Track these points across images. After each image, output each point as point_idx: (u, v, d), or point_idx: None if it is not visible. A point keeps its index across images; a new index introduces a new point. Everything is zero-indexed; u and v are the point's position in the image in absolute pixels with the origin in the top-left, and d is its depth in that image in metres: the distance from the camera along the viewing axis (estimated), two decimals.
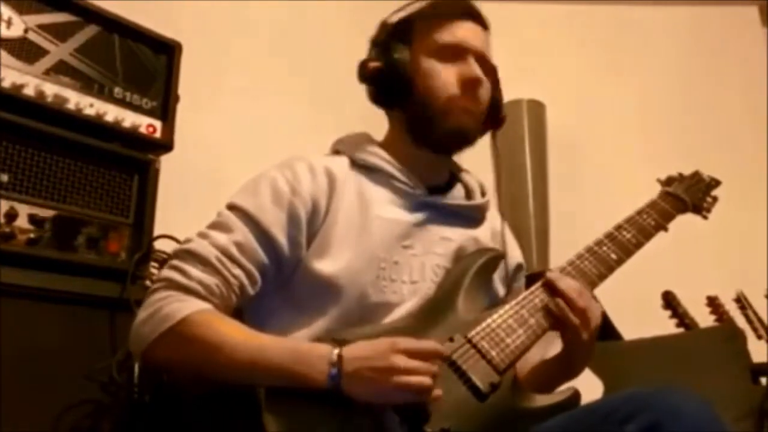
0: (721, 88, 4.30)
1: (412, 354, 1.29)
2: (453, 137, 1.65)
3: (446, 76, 1.63)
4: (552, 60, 4.26)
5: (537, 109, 4.17)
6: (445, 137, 1.65)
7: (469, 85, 1.63)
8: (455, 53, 1.65)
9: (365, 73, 1.67)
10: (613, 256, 1.64)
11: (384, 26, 1.72)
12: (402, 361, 1.27)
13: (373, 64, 1.65)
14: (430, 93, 1.62)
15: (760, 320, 3.16)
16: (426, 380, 1.28)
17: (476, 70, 1.63)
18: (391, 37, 1.67)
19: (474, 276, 1.59)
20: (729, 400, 2.53)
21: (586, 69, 4.30)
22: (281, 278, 1.54)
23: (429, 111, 1.63)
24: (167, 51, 2.22)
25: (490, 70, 1.70)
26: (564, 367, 1.55)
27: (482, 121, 1.69)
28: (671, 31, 4.43)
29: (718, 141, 4.11)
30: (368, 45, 1.73)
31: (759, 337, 3.10)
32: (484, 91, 1.67)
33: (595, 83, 4.26)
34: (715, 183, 2.01)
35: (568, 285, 1.50)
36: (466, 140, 1.67)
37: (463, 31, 1.67)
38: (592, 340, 1.48)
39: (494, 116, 1.72)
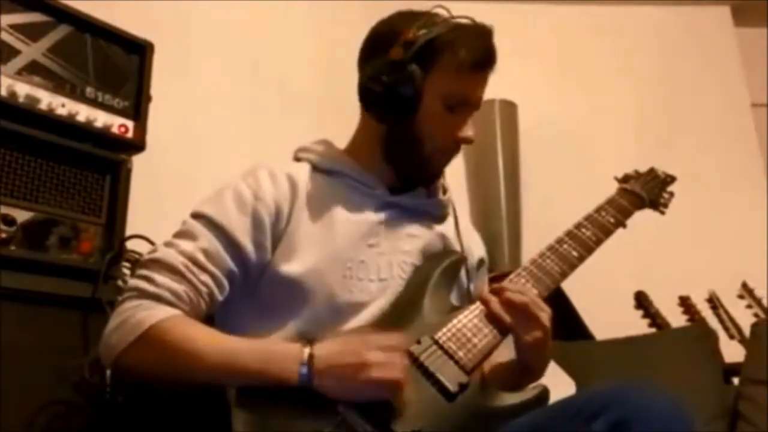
0: (693, 87, 4.34)
1: (383, 349, 1.30)
2: (427, 177, 1.70)
3: (446, 127, 1.62)
4: (523, 60, 4.25)
5: (509, 109, 4.18)
6: (419, 174, 1.69)
7: (462, 143, 1.65)
8: (462, 106, 1.63)
9: (379, 83, 1.60)
10: (575, 253, 1.66)
11: (407, 43, 1.60)
12: (374, 356, 1.28)
13: (390, 77, 1.59)
14: (427, 135, 1.62)
15: (732, 320, 3.18)
16: (398, 374, 1.29)
17: (473, 131, 1.64)
18: (413, 59, 1.59)
19: (438, 278, 1.60)
20: (701, 401, 2.55)
21: (557, 69, 4.32)
22: (249, 284, 1.54)
23: (415, 147, 1.63)
24: (139, 51, 2.22)
25: None
26: (518, 371, 1.55)
27: None
28: (643, 31, 4.46)
29: (691, 141, 4.15)
30: (375, 44, 1.67)
31: (731, 337, 3.12)
32: None
33: (567, 83, 4.28)
34: (671, 179, 2.02)
35: (510, 287, 1.52)
36: (432, 181, 1.72)
37: (479, 87, 1.65)
38: (538, 343, 1.48)
39: None
